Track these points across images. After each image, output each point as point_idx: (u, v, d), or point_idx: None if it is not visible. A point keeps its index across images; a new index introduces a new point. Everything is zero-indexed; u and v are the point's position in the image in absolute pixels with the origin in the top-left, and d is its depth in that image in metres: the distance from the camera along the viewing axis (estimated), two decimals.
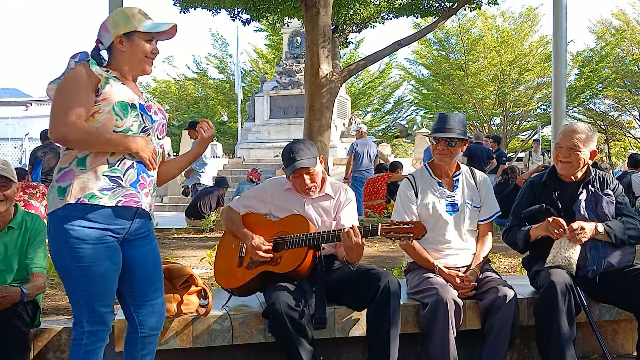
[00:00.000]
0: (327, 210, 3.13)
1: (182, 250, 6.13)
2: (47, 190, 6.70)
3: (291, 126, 18.67)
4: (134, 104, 2.28)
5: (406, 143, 35.10)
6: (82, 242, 2.17)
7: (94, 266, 2.19)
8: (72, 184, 2.20)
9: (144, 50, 2.34)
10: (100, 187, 2.20)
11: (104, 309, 2.25)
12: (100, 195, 2.20)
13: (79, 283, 2.22)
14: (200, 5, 10.96)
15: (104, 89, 2.22)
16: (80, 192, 2.18)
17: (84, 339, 2.24)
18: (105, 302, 2.26)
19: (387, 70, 31.48)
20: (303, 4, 8.52)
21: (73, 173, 2.21)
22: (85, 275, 2.20)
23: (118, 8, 2.46)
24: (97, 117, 2.21)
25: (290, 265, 2.88)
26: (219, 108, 32.77)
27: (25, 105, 40.18)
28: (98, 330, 2.25)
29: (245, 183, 10.68)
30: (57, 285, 3.92)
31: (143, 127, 2.31)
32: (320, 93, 8.39)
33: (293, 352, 2.72)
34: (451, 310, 2.86)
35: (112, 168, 2.23)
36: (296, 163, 2.97)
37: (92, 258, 2.19)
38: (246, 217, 3.14)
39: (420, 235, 2.74)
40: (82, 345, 2.24)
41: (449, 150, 3.16)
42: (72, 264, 2.19)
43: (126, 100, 2.26)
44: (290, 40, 19.92)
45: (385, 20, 14.24)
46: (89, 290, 2.22)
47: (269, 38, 30.27)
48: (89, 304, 2.23)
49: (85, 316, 2.24)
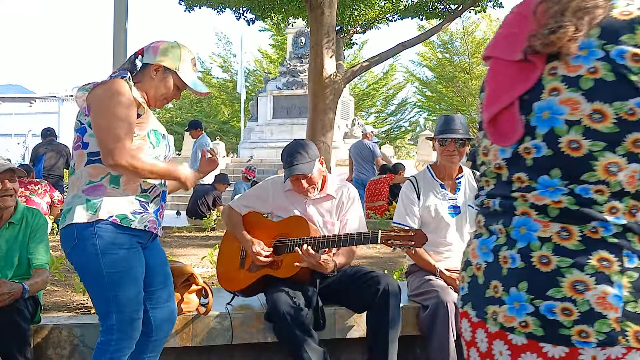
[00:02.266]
0: (329, 210, 3.12)
1: (183, 248, 6.13)
2: (49, 187, 6.76)
3: (294, 126, 18.67)
4: (164, 135, 2.35)
5: (409, 145, 35.10)
6: (118, 247, 2.18)
7: (131, 270, 2.21)
8: (103, 200, 2.19)
9: (169, 89, 2.36)
10: (133, 210, 2.22)
11: (136, 315, 2.25)
12: (132, 218, 2.22)
13: (113, 289, 2.19)
14: (205, 4, 10.98)
15: (142, 114, 2.24)
16: (114, 210, 2.19)
17: (112, 345, 2.21)
18: (138, 307, 2.26)
19: (391, 71, 31.47)
20: (308, 4, 8.52)
21: (104, 189, 2.20)
22: (120, 280, 2.19)
23: (178, 43, 2.42)
24: (132, 141, 2.19)
25: (290, 270, 2.89)
26: (222, 107, 32.79)
27: (29, 102, 40.25)
28: (128, 337, 2.24)
29: (242, 182, 10.77)
30: (58, 281, 3.92)
31: (165, 156, 2.37)
32: (323, 93, 8.39)
33: (300, 353, 2.71)
34: (452, 313, 2.86)
35: (144, 194, 2.27)
36: (292, 168, 2.96)
37: (128, 262, 2.20)
38: (247, 217, 3.14)
39: (420, 244, 2.74)
40: (108, 352, 2.22)
41: (459, 151, 3.16)
42: (107, 270, 2.17)
43: (158, 129, 2.31)
44: (294, 40, 19.93)
45: (389, 21, 14.24)
46: (123, 295, 2.19)
47: (273, 38, 30.29)
48: (121, 310, 2.20)
49: (116, 323, 2.21)
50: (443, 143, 3.14)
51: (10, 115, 37.61)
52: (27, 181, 6.45)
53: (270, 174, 14.85)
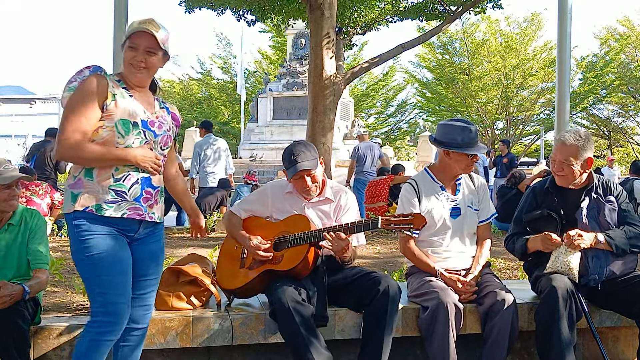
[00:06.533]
0: (327, 213, 3.13)
1: (183, 249, 6.13)
2: (50, 188, 6.78)
3: (294, 127, 18.68)
4: (135, 122, 2.35)
5: (409, 146, 35.11)
6: (92, 233, 2.30)
7: (105, 255, 2.29)
8: (81, 192, 2.33)
9: (126, 58, 2.39)
10: (107, 199, 2.33)
11: (118, 298, 2.31)
12: (107, 207, 2.32)
13: (93, 273, 2.31)
14: (205, 5, 10.98)
15: (110, 106, 2.31)
16: (89, 201, 2.32)
17: (95, 327, 2.31)
18: (119, 291, 2.31)
19: (391, 73, 31.49)
20: (308, 5, 8.53)
21: (82, 183, 2.34)
22: (98, 265, 2.29)
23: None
24: (100, 133, 2.31)
25: (292, 262, 2.88)
26: (222, 108, 32.81)
27: (29, 103, 40.25)
28: (109, 321, 2.30)
29: (242, 186, 10.91)
30: (58, 282, 3.92)
31: (145, 142, 2.39)
32: (323, 95, 8.38)
33: (303, 352, 2.69)
34: (452, 314, 2.86)
35: (117, 183, 2.34)
36: (297, 165, 2.97)
37: (101, 247, 2.29)
38: (248, 221, 3.15)
39: (420, 225, 2.77)
40: (91, 333, 2.31)
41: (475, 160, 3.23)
42: (84, 254, 2.30)
43: (128, 118, 2.34)
44: (294, 41, 19.95)
45: (389, 23, 14.24)
46: (102, 278, 2.29)
47: (273, 39, 30.31)
48: (103, 294, 2.30)
49: (100, 307, 2.31)
50: (469, 156, 3.14)
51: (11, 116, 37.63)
52: (28, 182, 6.45)
53: (270, 174, 14.86)
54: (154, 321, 2.82)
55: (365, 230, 2.86)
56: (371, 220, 2.83)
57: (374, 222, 2.81)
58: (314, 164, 3.02)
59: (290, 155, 3.01)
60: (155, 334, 2.83)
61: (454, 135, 3.12)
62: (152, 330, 2.82)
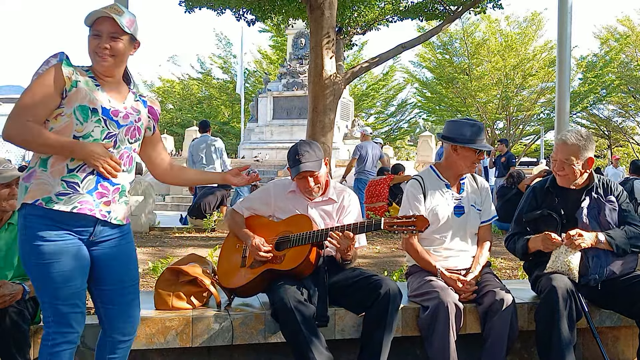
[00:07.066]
0: (329, 213, 3.14)
1: (183, 249, 6.13)
2: None
3: (294, 127, 18.69)
4: (95, 109, 2.21)
5: (409, 146, 35.11)
6: (41, 239, 2.14)
7: (54, 263, 2.14)
8: (32, 183, 2.19)
9: (90, 47, 2.27)
10: (57, 191, 2.17)
11: (68, 309, 2.18)
12: (56, 200, 2.16)
13: (40, 281, 2.18)
14: (205, 5, 10.98)
15: (70, 92, 2.19)
16: (39, 194, 2.16)
17: (50, 339, 2.18)
18: (69, 302, 2.18)
19: (391, 72, 31.52)
20: (308, 5, 8.53)
21: (35, 174, 2.20)
22: (46, 273, 2.15)
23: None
24: (59, 120, 2.19)
25: (293, 262, 2.88)
26: (222, 108, 32.82)
27: None
28: (62, 331, 2.18)
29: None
30: None
31: (107, 133, 2.24)
32: (323, 94, 8.39)
33: (305, 352, 2.69)
34: (452, 314, 2.86)
35: (71, 173, 2.19)
36: (301, 165, 2.97)
37: (51, 255, 2.14)
38: (250, 220, 3.15)
39: (423, 227, 2.75)
40: (48, 346, 2.19)
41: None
42: (32, 261, 2.16)
43: (87, 104, 2.20)
44: (294, 41, 19.95)
45: (389, 22, 14.26)
46: (51, 287, 2.16)
47: (273, 39, 30.32)
48: (52, 303, 2.17)
49: (50, 316, 2.18)
50: (476, 152, 3.14)
51: None
52: None
53: (270, 174, 14.86)
54: (154, 321, 2.83)
55: (367, 231, 2.85)
56: (374, 222, 2.83)
57: (377, 224, 2.81)
58: (317, 165, 3.01)
59: (295, 155, 3.01)
60: (155, 333, 2.83)
61: (462, 130, 3.15)
62: (152, 330, 2.82)
